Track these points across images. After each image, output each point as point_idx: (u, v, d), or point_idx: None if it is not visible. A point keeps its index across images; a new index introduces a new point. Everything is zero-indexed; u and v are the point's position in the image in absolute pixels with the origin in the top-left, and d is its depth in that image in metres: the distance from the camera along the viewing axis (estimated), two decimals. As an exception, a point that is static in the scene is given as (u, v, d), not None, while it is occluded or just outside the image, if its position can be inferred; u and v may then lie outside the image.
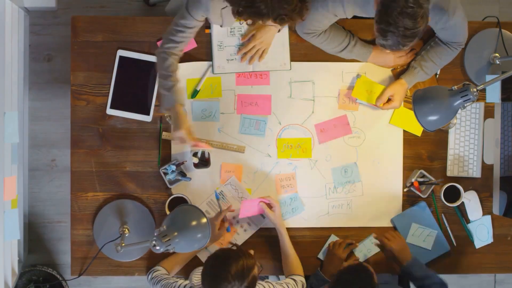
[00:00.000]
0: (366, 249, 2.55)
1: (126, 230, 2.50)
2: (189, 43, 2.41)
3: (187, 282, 2.32)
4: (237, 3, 1.99)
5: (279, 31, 2.49)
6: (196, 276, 2.35)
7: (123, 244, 2.31)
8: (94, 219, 2.51)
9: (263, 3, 1.94)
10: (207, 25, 2.46)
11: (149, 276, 2.43)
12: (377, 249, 2.53)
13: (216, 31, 2.50)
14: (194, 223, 2.16)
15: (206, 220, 2.17)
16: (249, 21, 2.05)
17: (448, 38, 2.39)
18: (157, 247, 2.10)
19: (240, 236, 2.53)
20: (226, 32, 2.50)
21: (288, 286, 2.34)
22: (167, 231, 2.13)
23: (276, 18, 1.99)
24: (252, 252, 2.20)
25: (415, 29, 2.01)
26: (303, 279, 2.41)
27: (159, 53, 2.32)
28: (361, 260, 2.52)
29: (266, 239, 2.54)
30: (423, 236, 2.55)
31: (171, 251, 2.14)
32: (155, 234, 2.12)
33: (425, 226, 2.55)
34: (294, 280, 2.38)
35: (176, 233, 2.12)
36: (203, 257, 2.50)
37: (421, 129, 2.54)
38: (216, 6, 2.19)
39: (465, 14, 2.27)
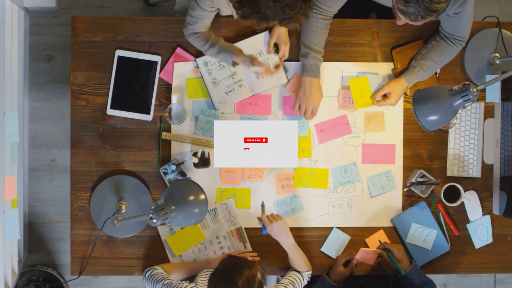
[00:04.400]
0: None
1: (123, 205, 2.48)
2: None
3: (192, 285, 2.31)
4: (243, 9, 2.04)
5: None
6: (203, 278, 2.33)
7: (119, 218, 2.27)
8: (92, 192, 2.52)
9: (267, 8, 1.99)
10: (195, 65, 2.51)
11: (147, 274, 2.40)
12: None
13: (205, 70, 2.50)
14: (191, 198, 2.15)
15: (204, 196, 2.17)
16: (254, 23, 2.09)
17: (452, 29, 2.39)
18: (154, 220, 2.09)
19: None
20: (216, 66, 2.50)
21: (294, 283, 2.38)
22: (164, 204, 2.12)
23: (282, 21, 2.05)
24: (249, 257, 2.20)
25: (439, 4, 2.01)
26: (310, 273, 2.46)
27: (189, 39, 2.43)
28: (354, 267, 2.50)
29: (265, 239, 2.54)
30: (423, 236, 2.55)
31: (167, 225, 2.14)
32: (152, 207, 2.11)
33: (425, 226, 2.55)
34: (301, 274, 2.43)
35: (173, 207, 2.11)
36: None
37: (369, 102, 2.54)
38: None
39: (473, 9, 2.28)
